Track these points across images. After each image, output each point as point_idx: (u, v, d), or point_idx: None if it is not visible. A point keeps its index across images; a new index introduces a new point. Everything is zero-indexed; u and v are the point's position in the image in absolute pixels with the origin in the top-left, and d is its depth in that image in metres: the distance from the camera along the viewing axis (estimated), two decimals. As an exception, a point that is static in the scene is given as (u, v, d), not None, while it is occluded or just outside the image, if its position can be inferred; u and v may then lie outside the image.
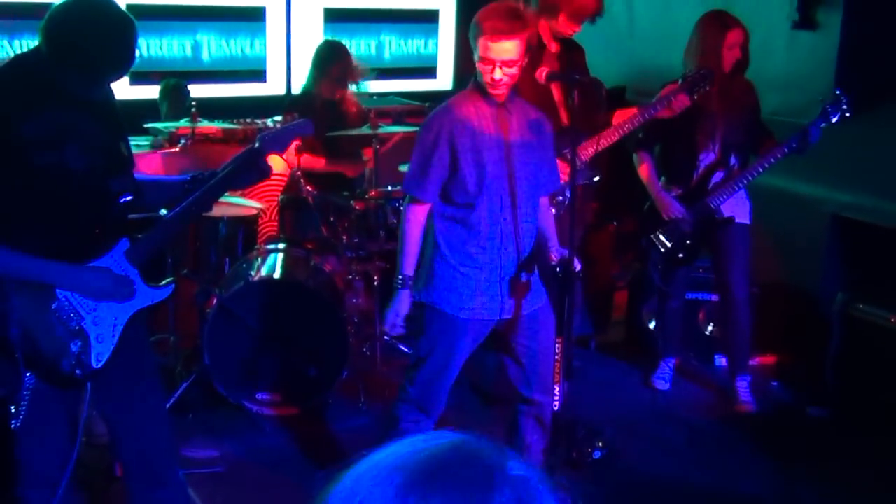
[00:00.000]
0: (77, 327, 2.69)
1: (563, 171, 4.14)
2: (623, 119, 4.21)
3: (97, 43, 2.59)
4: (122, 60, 2.67)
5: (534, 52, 3.61)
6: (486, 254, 3.47)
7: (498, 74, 3.29)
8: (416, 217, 3.49)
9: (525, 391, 3.66)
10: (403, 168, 3.91)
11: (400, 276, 3.53)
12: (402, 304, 3.52)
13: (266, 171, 2.94)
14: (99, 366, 2.74)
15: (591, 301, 5.58)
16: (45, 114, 2.59)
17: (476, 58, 3.36)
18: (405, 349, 5.22)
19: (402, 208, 3.61)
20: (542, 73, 3.70)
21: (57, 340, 2.67)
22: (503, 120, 3.44)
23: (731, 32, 4.49)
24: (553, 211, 3.81)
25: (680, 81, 4.37)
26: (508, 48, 3.26)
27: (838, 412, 4.75)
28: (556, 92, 4.17)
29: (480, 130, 3.40)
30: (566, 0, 4.21)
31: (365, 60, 7.45)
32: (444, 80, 7.96)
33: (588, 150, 4.19)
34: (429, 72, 7.99)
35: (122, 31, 2.64)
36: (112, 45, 2.63)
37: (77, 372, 2.70)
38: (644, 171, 4.73)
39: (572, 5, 4.22)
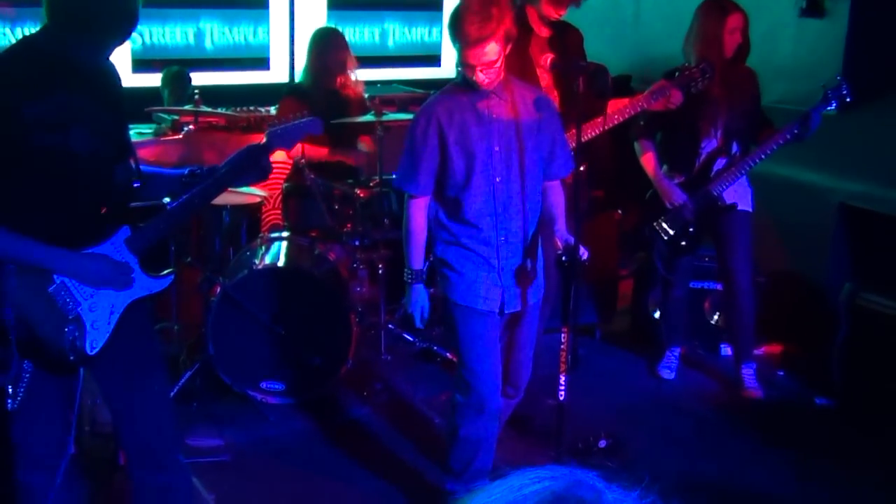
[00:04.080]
0: (73, 313, 2.67)
1: None
2: (612, 111, 4.13)
3: (100, 4, 2.59)
4: (125, 21, 2.65)
5: (520, 37, 3.55)
6: (481, 245, 3.46)
7: (481, 77, 3.28)
8: (416, 211, 3.49)
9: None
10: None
11: (409, 271, 3.53)
12: (419, 296, 3.55)
13: (267, 170, 2.93)
14: (93, 352, 2.73)
15: (596, 290, 5.57)
16: (51, 95, 2.57)
17: (456, 59, 3.34)
18: (409, 338, 5.21)
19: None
20: (546, 61, 3.66)
21: (52, 325, 2.65)
22: (495, 107, 3.40)
23: (731, 17, 4.46)
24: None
25: (676, 75, 4.33)
26: (486, 52, 3.23)
27: (845, 402, 4.73)
28: (545, 77, 4.12)
29: (469, 121, 3.38)
30: None
31: (369, 48, 7.46)
32: (448, 67, 7.92)
33: (571, 141, 4.09)
34: (433, 59, 7.96)
35: None
36: (115, 6, 2.62)
37: (70, 357, 2.68)
38: (646, 159, 4.71)
39: None
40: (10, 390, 2.65)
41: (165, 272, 2.88)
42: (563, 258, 3.38)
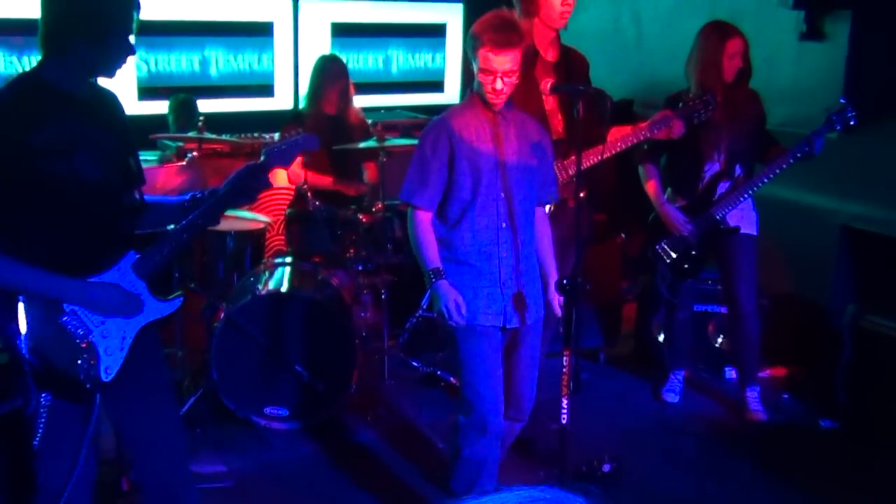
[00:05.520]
0: (85, 340, 2.68)
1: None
2: (614, 139, 4.15)
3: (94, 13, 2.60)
4: (125, 16, 2.65)
5: (527, 58, 3.61)
6: (483, 261, 3.50)
7: (499, 84, 3.37)
8: (421, 223, 3.52)
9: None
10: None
11: (430, 270, 3.47)
12: (448, 291, 3.44)
13: (267, 186, 2.94)
14: (108, 378, 2.73)
15: (600, 314, 5.57)
16: (56, 122, 2.60)
17: (475, 69, 3.42)
18: (413, 363, 5.21)
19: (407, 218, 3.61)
20: (546, 85, 3.69)
21: (65, 354, 2.66)
22: (500, 129, 3.49)
23: (731, 41, 4.48)
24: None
25: (680, 105, 4.34)
26: (508, 59, 3.33)
27: (850, 424, 4.72)
28: (548, 101, 4.14)
29: (477, 138, 3.46)
30: None
31: (373, 75, 7.50)
32: (451, 93, 7.98)
33: (572, 168, 4.08)
34: (436, 86, 8.02)
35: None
36: (108, 13, 2.63)
37: (86, 385, 2.69)
38: (649, 183, 4.72)
39: None
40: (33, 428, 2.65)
41: (174, 295, 2.90)
42: (565, 282, 3.39)
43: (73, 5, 2.63)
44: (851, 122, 4.44)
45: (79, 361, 2.67)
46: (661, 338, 5.39)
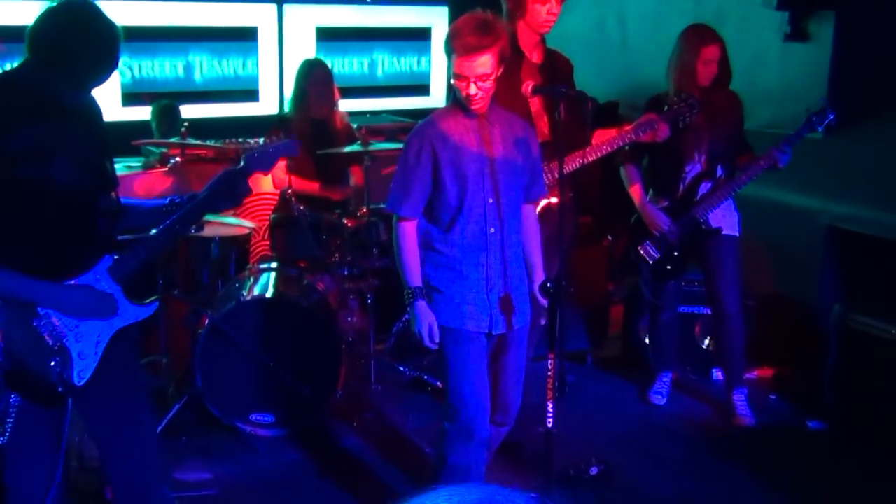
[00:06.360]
0: (59, 344, 2.67)
1: None
2: (600, 141, 4.14)
3: (83, 46, 2.63)
4: (106, 64, 2.70)
5: (511, 61, 3.58)
6: (471, 267, 3.47)
7: (473, 90, 3.32)
8: (407, 233, 3.50)
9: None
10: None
11: (409, 290, 3.47)
12: (425, 314, 3.45)
13: (248, 192, 2.93)
14: (81, 383, 2.72)
15: (588, 316, 5.56)
16: (33, 127, 2.59)
17: (450, 75, 3.38)
18: (400, 367, 5.20)
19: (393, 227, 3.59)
20: (527, 87, 3.67)
21: (38, 357, 2.65)
22: (485, 132, 3.45)
23: (708, 48, 4.48)
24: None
25: (665, 109, 4.34)
26: (481, 63, 3.27)
27: (837, 425, 4.71)
28: (533, 103, 4.13)
29: (461, 144, 3.42)
30: None
31: (358, 79, 7.49)
32: (437, 97, 7.98)
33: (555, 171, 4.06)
34: (422, 89, 8.01)
35: (107, 35, 2.68)
36: (97, 48, 2.66)
37: (59, 388, 2.68)
38: (631, 184, 4.72)
39: None
40: None
41: (149, 300, 2.88)
42: (549, 285, 3.38)
43: (50, 36, 2.65)
44: (832, 123, 4.44)
45: (52, 365, 2.66)
46: (647, 340, 5.39)
